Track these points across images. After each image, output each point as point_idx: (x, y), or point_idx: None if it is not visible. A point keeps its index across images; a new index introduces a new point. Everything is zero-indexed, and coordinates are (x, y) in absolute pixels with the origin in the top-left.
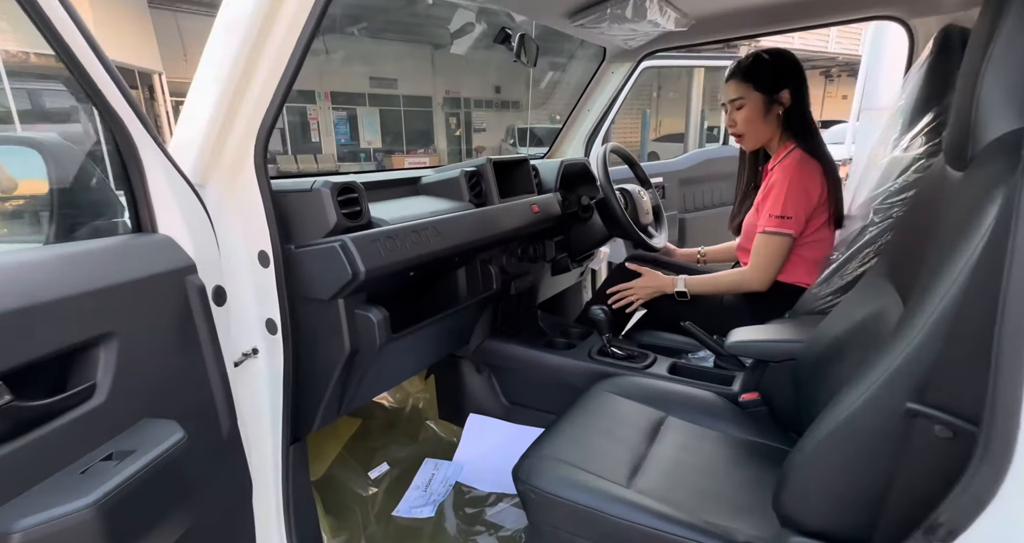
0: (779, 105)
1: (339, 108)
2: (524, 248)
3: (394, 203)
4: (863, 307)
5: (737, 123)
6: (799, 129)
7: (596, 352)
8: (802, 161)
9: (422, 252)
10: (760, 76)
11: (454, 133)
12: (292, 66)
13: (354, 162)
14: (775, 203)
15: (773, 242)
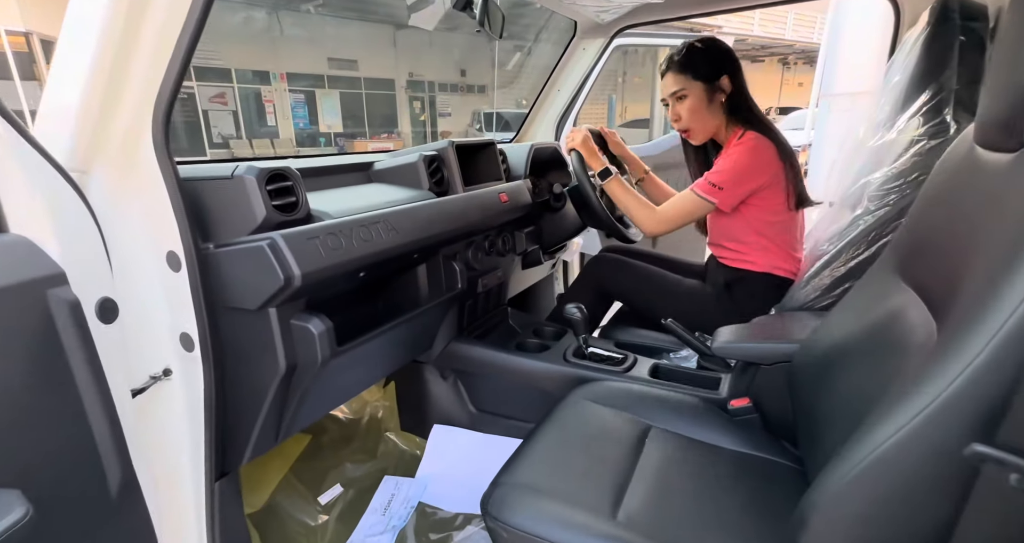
0: (721, 92)
1: (296, 90)
2: (492, 241)
3: (341, 192)
4: (872, 308)
5: (682, 116)
6: (746, 114)
7: (572, 354)
8: (758, 141)
9: (372, 250)
10: (697, 65)
11: (419, 117)
12: (197, 11)
13: (314, 147)
14: (717, 171)
15: (694, 203)
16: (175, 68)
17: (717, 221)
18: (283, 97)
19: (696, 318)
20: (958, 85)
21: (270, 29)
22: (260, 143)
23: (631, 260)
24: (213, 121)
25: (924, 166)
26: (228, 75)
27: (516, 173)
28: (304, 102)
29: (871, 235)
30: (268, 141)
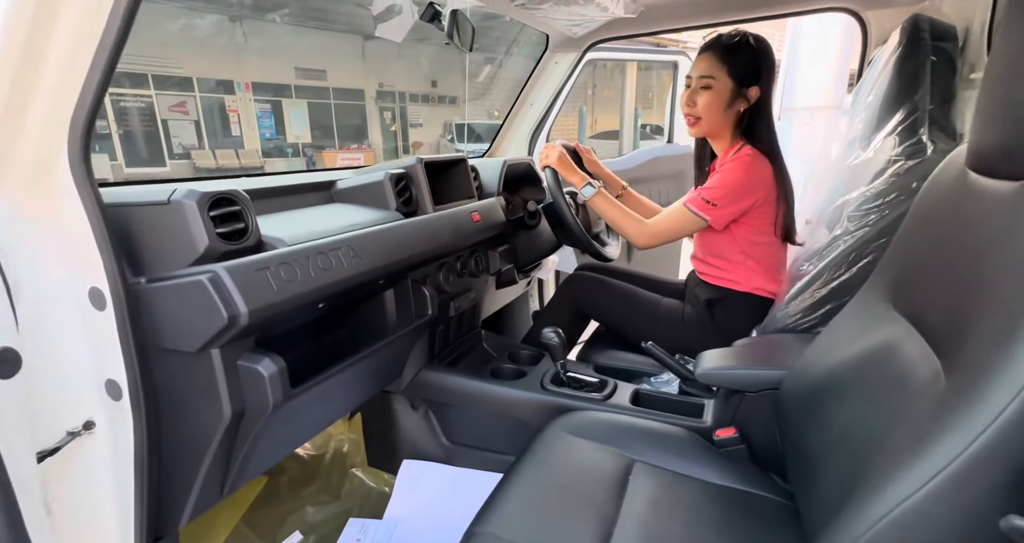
0: (744, 100)
1: (262, 100)
2: (464, 262)
3: (299, 215)
4: (864, 336)
5: (697, 104)
6: (759, 133)
7: (550, 380)
8: (754, 158)
9: (332, 280)
10: (738, 60)
11: (389, 128)
12: (121, 12)
13: (281, 158)
14: (712, 187)
15: (686, 218)
16: (95, 77)
17: (703, 236)
18: (248, 106)
19: (676, 339)
20: (932, 105)
21: (234, 38)
22: (224, 153)
23: (607, 279)
24: (173, 131)
25: (903, 186)
26: (189, 84)
27: (489, 190)
28: (270, 112)
29: (852, 256)
30: (232, 151)
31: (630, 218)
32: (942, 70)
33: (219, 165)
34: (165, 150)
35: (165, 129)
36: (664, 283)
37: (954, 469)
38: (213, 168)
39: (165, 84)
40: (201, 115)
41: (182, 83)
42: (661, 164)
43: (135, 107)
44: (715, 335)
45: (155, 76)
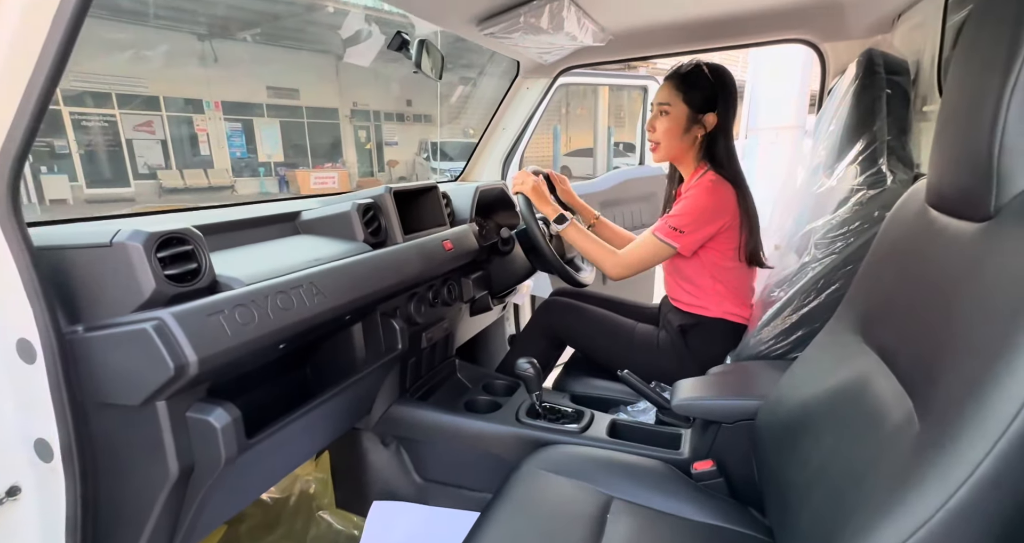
0: (700, 127)
1: (233, 119)
2: (436, 291)
3: (259, 249)
4: (834, 370)
5: (656, 129)
6: (721, 159)
7: (525, 413)
8: (717, 183)
9: (293, 320)
10: (692, 89)
11: (364, 146)
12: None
13: (253, 177)
14: (678, 214)
15: (656, 247)
16: (28, 111)
17: (673, 262)
18: (218, 126)
19: (651, 365)
20: (889, 136)
21: (203, 57)
22: (193, 173)
23: (582, 304)
24: (139, 151)
25: (866, 215)
26: (156, 103)
27: (461, 217)
28: (241, 131)
29: (820, 282)
30: (201, 171)
31: (602, 250)
32: (897, 102)
33: (187, 185)
34: (129, 170)
35: (130, 149)
36: (639, 308)
37: (933, 525)
38: (181, 188)
39: (130, 103)
40: (168, 134)
41: (148, 102)
42: (633, 186)
43: (98, 126)
44: (690, 361)
45: (120, 95)
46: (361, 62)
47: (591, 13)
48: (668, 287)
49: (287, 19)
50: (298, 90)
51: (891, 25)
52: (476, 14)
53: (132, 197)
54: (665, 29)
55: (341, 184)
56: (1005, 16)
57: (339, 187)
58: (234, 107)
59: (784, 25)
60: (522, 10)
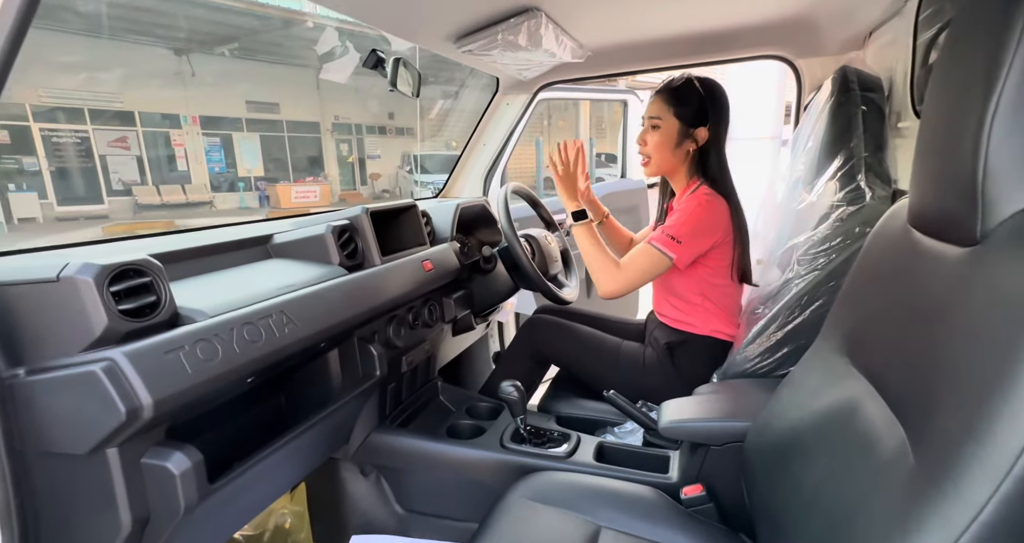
0: (692, 141)
1: (211, 133)
2: (417, 312)
3: (227, 276)
4: (823, 392)
5: (647, 143)
6: (713, 173)
7: (510, 438)
8: (711, 197)
9: (261, 353)
10: (683, 103)
11: (346, 160)
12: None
13: (232, 192)
14: (674, 224)
15: (654, 257)
16: None
17: (664, 277)
18: (196, 141)
19: (637, 383)
20: (866, 152)
21: (180, 72)
22: (170, 189)
23: (566, 322)
24: (113, 167)
25: (846, 231)
26: (131, 118)
27: (442, 235)
28: (220, 146)
29: (804, 299)
30: (179, 187)
31: (606, 260)
32: (872, 119)
33: (164, 201)
34: (103, 187)
35: (104, 165)
36: (624, 324)
37: None
38: (157, 204)
39: (103, 119)
40: (144, 150)
41: (123, 117)
42: (615, 199)
43: (69, 143)
44: (676, 379)
45: (93, 111)
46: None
47: (569, 30)
48: (656, 302)
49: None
50: (278, 104)
51: (863, 42)
52: (453, 32)
53: (106, 214)
54: (642, 46)
55: (323, 198)
56: (983, 34)
57: (321, 201)
58: (212, 121)
59: (759, 42)
60: (499, 27)
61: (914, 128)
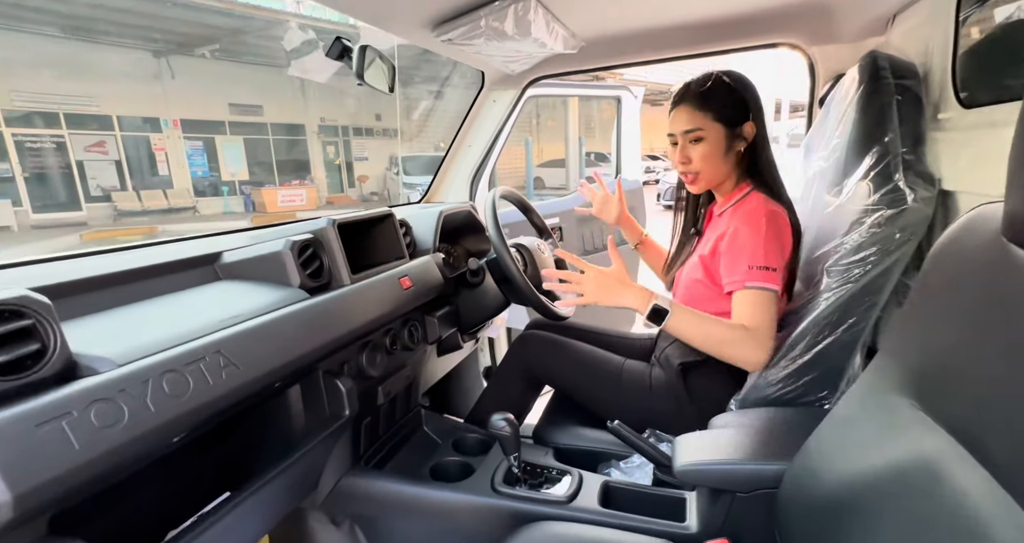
0: (742, 140)
1: (193, 137)
2: (395, 335)
3: (154, 309)
4: (883, 441)
5: (693, 160)
6: (761, 170)
7: (503, 479)
8: (772, 207)
9: (187, 409)
10: (721, 103)
11: (333, 162)
12: None
13: (216, 196)
14: (754, 252)
15: (765, 299)
16: None
17: (695, 291)
18: (177, 144)
19: (643, 408)
20: (903, 148)
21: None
22: (151, 194)
23: (562, 339)
24: (91, 172)
25: (885, 239)
26: (109, 122)
27: (423, 246)
28: (203, 149)
29: (835, 317)
30: (160, 192)
31: (729, 333)
32: (908, 110)
33: (145, 207)
34: (81, 193)
35: (81, 170)
36: (627, 340)
37: None
38: (138, 210)
39: (80, 123)
40: (123, 154)
41: (101, 121)
42: None
43: (45, 148)
44: (688, 404)
45: (68, 115)
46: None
47: (561, 17)
48: None
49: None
50: (261, 106)
51: (885, 27)
52: (430, 17)
53: (84, 221)
54: (641, 35)
55: (310, 201)
56: None
57: (308, 205)
58: (194, 125)
59: (769, 29)
60: (483, 12)
61: (957, 120)
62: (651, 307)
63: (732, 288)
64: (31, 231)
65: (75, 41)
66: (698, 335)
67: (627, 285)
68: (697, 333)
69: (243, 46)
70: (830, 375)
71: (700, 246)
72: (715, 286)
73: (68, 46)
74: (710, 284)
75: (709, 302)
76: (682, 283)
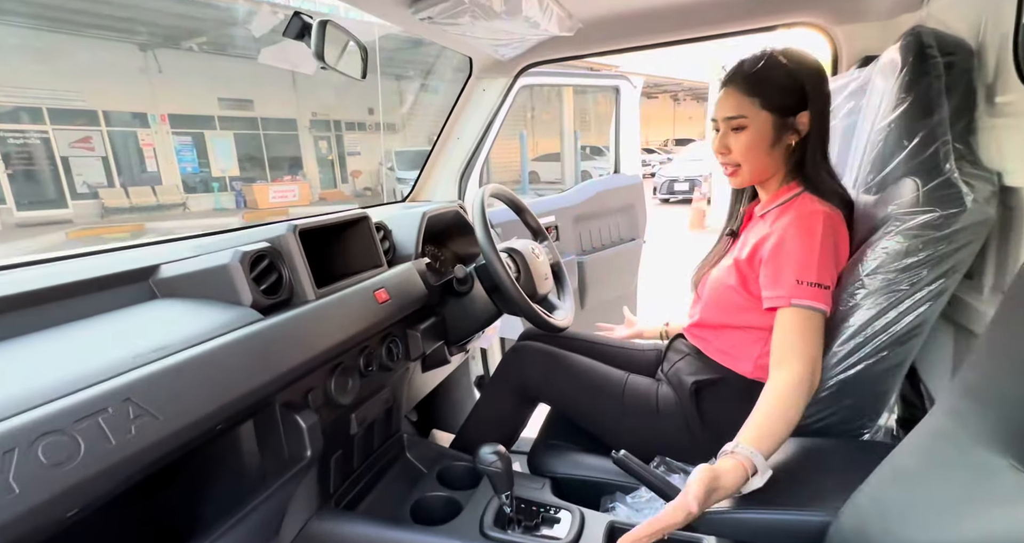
0: (794, 133)
1: (182, 132)
2: (371, 354)
3: (56, 338)
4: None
5: (732, 150)
6: (815, 167)
7: (493, 522)
8: (829, 212)
9: (76, 480)
10: (773, 89)
11: (326, 158)
12: None
13: (207, 193)
14: (805, 264)
15: (814, 323)
16: None
17: (725, 297)
18: (166, 140)
19: (650, 433)
20: (953, 137)
21: (146, 68)
22: (139, 191)
23: (560, 352)
24: (77, 169)
25: (937, 244)
26: (94, 117)
27: (404, 252)
28: (192, 145)
29: (877, 334)
30: (149, 188)
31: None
32: (959, 94)
33: (133, 203)
34: (67, 190)
35: (66, 167)
36: (631, 351)
37: None
38: (126, 207)
39: (65, 118)
40: (110, 150)
41: (86, 117)
42: (609, 197)
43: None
44: (699, 428)
45: (52, 110)
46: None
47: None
48: (695, 327)
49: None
50: (252, 101)
51: (921, 1)
52: None
53: (70, 219)
54: (646, 15)
55: (303, 197)
56: None
57: (300, 201)
58: (183, 120)
59: (788, 7)
60: None
61: (1020, 102)
62: (752, 486)
63: (775, 304)
64: (16, 229)
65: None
66: (780, 434)
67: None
68: (778, 435)
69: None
70: (870, 401)
71: (736, 249)
72: (750, 296)
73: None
74: (744, 293)
75: (739, 312)
76: (709, 287)
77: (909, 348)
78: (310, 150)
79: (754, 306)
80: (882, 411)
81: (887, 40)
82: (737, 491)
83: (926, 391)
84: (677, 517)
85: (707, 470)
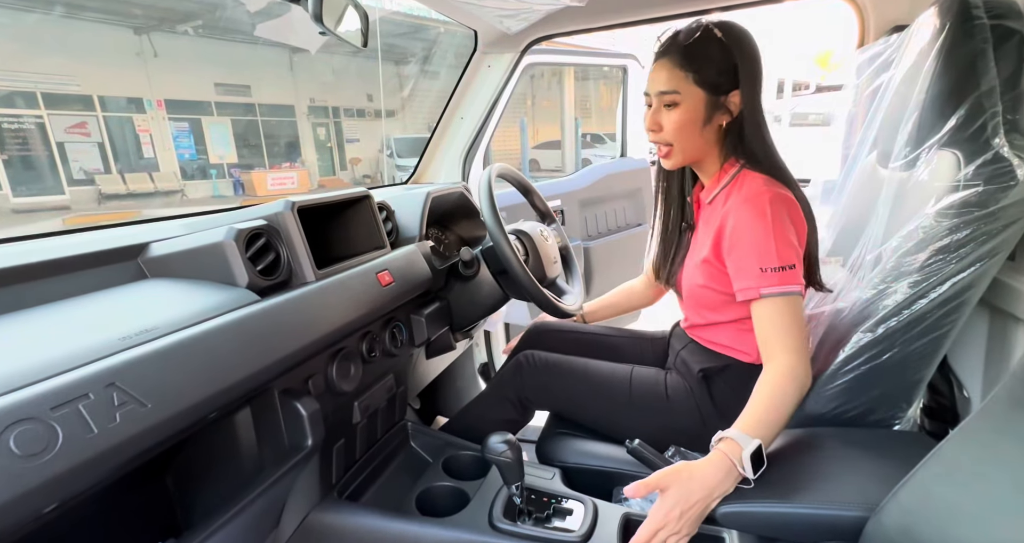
0: (725, 113)
1: (179, 118)
2: (374, 340)
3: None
4: None
5: (663, 127)
6: (751, 146)
7: (503, 513)
8: (772, 187)
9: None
10: (704, 63)
11: (324, 144)
12: None
13: (204, 180)
14: (764, 250)
15: (788, 306)
16: None
17: (695, 293)
18: (162, 126)
19: (662, 424)
20: (1003, 106)
21: (141, 52)
22: (136, 177)
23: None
24: (73, 155)
25: (984, 224)
26: (90, 102)
27: (408, 234)
28: (189, 131)
29: (911, 321)
30: (146, 175)
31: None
32: (1010, 61)
33: (130, 190)
34: (63, 176)
35: (62, 153)
36: (636, 340)
37: None
38: (123, 193)
39: (60, 103)
40: (106, 136)
41: (81, 102)
42: (615, 182)
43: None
44: (715, 417)
45: (47, 95)
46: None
47: None
48: (688, 322)
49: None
50: (249, 86)
51: None
52: None
53: (67, 205)
54: None
55: (301, 184)
56: None
57: (299, 188)
58: (180, 105)
59: None
60: None
61: None
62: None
63: (746, 297)
64: (12, 215)
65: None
66: (776, 422)
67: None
68: (775, 423)
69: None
70: (902, 390)
71: (696, 245)
72: (724, 292)
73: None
74: (717, 288)
75: (722, 308)
76: (686, 288)
77: (945, 334)
78: (308, 137)
79: (732, 301)
80: (914, 401)
81: (918, 8)
82: (731, 482)
83: (955, 379)
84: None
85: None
